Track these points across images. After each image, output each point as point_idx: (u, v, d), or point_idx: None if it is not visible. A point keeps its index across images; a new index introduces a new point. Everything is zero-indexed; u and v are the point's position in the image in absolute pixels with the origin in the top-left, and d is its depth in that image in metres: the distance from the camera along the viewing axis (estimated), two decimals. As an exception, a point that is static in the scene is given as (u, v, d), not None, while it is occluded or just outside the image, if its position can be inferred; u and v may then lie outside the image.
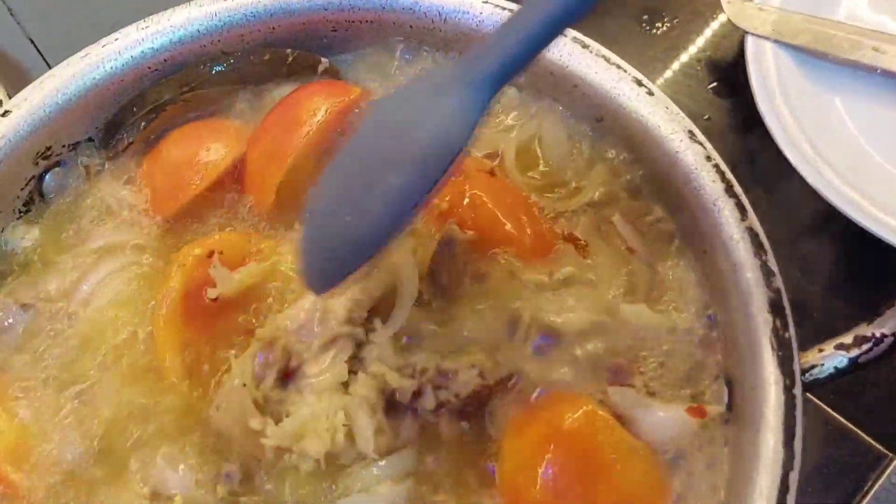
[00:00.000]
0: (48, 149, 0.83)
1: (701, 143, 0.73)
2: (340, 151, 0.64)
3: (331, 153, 0.81)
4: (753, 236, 0.69)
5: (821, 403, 0.90)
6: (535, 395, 0.70)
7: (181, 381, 0.72)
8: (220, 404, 0.70)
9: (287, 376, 0.69)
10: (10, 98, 0.82)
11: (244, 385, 0.68)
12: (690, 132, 0.74)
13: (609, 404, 0.68)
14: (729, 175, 0.72)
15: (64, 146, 0.85)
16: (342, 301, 0.70)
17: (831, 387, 0.68)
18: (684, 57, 1.17)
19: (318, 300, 0.70)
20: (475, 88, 0.59)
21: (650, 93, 0.76)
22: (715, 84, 1.14)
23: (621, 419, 0.68)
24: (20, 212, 0.83)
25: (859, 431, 0.90)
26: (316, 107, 0.81)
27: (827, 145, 1.00)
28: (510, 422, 0.69)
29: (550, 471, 0.65)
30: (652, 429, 0.67)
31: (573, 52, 0.80)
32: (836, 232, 0.98)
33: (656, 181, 0.78)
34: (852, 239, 0.96)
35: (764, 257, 0.68)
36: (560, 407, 0.69)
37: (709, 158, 0.73)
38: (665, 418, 0.67)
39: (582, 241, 0.76)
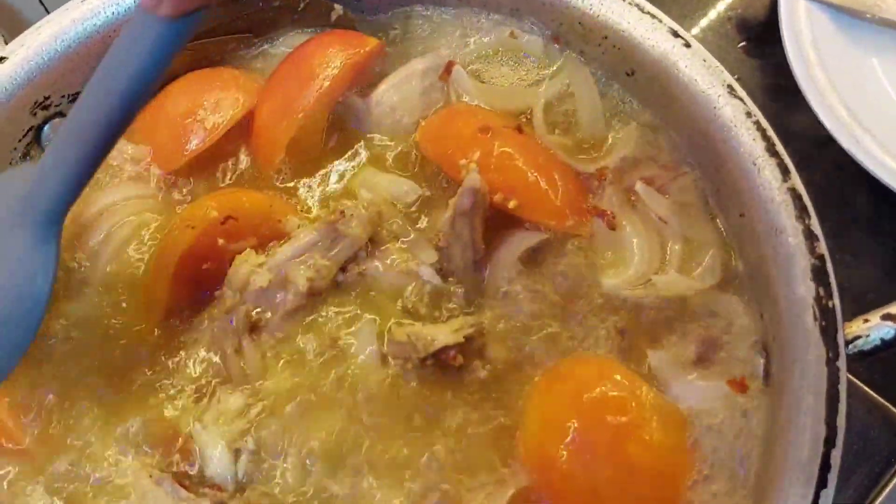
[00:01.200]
0: (47, 98, 0.79)
1: (741, 99, 0.69)
2: None
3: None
4: (796, 198, 0.65)
5: (850, 376, 0.87)
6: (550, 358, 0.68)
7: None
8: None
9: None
10: (6, 44, 0.78)
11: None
12: (730, 87, 0.69)
13: (648, 369, 0.66)
14: (770, 133, 0.67)
15: (63, 96, 0.80)
16: (303, 270, 0.69)
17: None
18: (713, 14, 1.13)
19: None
20: (41, 227, 0.63)
21: (687, 44, 0.71)
22: (745, 43, 1.10)
23: (658, 385, 0.65)
24: (18, 163, 0.79)
25: (890, 406, 0.87)
26: (330, 59, 0.77)
27: (864, 109, 0.96)
28: (532, 385, 0.67)
29: (578, 434, 0.62)
30: (688, 398, 0.64)
31: (604, 0, 0.75)
32: (873, 199, 0.94)
33: (692, 139, 0.74)
34: (890, 207, 0.92)
35: (807, 221, 0.64)
36: (584, 369, 0.66)
37: (749, 115, 0.68)
38: (704, 388, 0.64)
39: (609, 213, 0.72)
